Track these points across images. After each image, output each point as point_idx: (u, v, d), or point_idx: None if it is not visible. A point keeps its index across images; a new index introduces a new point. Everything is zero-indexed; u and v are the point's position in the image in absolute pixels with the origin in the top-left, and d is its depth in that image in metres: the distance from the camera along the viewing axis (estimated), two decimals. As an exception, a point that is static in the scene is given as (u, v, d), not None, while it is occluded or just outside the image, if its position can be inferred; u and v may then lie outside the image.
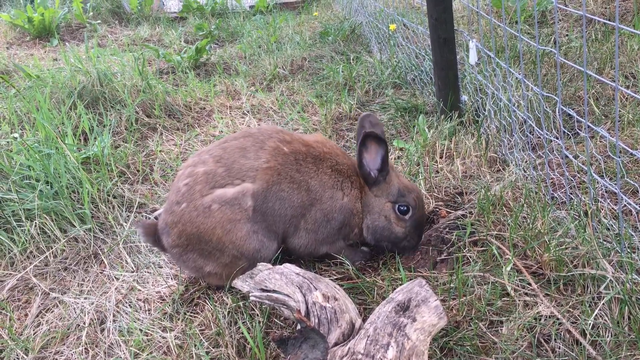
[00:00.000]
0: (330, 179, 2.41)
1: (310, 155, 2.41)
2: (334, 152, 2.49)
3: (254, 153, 2.35)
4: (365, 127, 2.51)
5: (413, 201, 2.44)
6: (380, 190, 2.45)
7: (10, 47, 7.17)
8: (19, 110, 4.22)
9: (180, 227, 2.31)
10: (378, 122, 2.55)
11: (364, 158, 2.39)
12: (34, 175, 3.09)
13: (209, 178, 2.30)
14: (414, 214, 2.45)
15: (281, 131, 2.48)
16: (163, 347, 2.20)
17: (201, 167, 2.34)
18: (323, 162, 2.42)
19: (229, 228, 2.27)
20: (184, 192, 2.31)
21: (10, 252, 2.83)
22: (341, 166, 2.45)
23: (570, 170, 2.90)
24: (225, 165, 2.32)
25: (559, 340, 1.97)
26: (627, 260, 2.10)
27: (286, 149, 2.38)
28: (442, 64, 3.60)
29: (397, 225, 2.44)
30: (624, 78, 3.81)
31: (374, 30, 5.66)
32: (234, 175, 2.30)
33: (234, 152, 2.36)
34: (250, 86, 5.03)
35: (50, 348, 2.29)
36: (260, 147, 2.37)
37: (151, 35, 7.39)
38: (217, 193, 2.28)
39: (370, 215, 2.46)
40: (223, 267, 2.35)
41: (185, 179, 2.34)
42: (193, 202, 2.29)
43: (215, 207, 2.26)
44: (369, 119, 2.55)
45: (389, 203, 2.44)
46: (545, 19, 5.07)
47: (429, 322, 1.78)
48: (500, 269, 2.27)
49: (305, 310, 1.87)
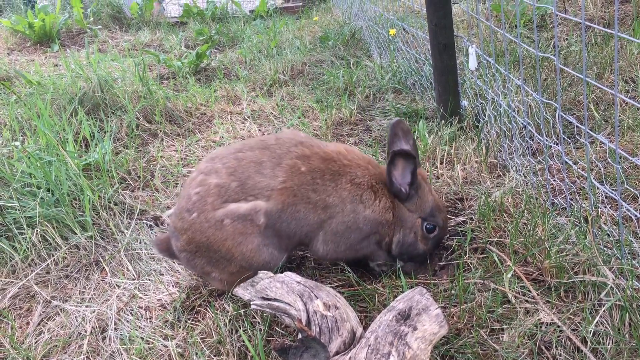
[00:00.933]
0: (350, 194, 2.31)
1: (328, 172, 2.32)
2: (355, 164, 2.39)
3: (270, 170, 2.28)
4: (398, 134, 2.43)
5: (442, 221, 2.40)
6: (414, 206, 2.37)
7: (11, 52, 7.19)
8: (20, 117, 4.23)
9: (189, 234, 2.29)
10: (409, 129, 2.46)
11: (393, 176, 2.32)
12: (35, 183, 3.10)
13: (222, 191, 2.25)
14: (439, 234, 2.42)
15: (301, 143, 2.38)
16: (164, 355, 2.20)
17: (214, 177, 2.28)
18: (342, 177, 2.33)
19: (240, 241, 2.25)
20: (195, 201, 2.27)
21: (11, 260, 2.83)
22: (361, 179, 2.35)
23: (570, 176, 2.91)
24: (239, 180, 2.26)
25: (560, 348, 1.97)
26: (627, 267, 2.10)
27: (304, 167, 2.30)
28: (442, 69, 3.61)
29: (422, 243, 2.40)
30: (623, 83, 3.81)
31: (374, 35, 5.67)
32: (247, 191, 2.25)
33: (249, 166, 2.29)
34: (251, 91, 5.04)
35: (52, 356, 2.29)
36: (278, 163, 2.30)
37: (152, 41, 7.41)
38: (230, 208, 2.24)
39: (403, 229, 2.39)
40: (229, 275, 2.35)
41: (196, 187, 2.29)
42: (204, 214, 2.25)
43: (227, 222, 2.23)
44: (400, 126, 2.44)
45: (420, 219, 2.38)
46: (545, 23, 5.08)
47: (430, 330, 1.78)
48: (501, 275, 2.27)
49: (306, 319, 1.88)
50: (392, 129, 2.45)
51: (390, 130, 2.46)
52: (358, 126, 4.10)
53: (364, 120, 4.16)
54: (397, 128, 2.45)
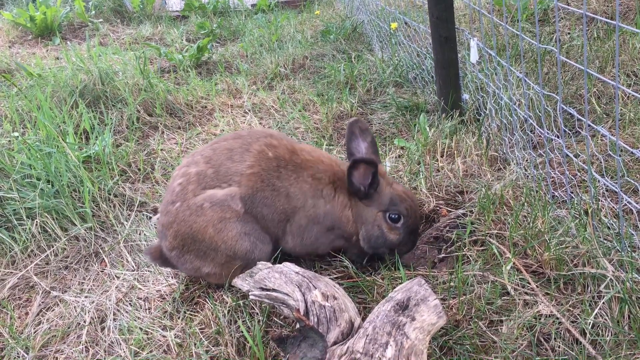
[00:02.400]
0: (311, 187, 2.39)
1: (292, 163, 2.40)
2: (318, 160, 2.45)
3: (240, 155, 2.37)
4: (356, 133, 2.50)
5: (405, 210, 2.40)
6: (371, 201, 2.41)
7: (12, 45, 7.18)
8: (21, 109, 4.23)
9: (175, 227, 2.34)
10: (367, 128, 2.52)
11: (353, 177, 2.35)
12: (35, 174, 3.10)
13: (200, 178, 2.34)
14: (407, 222, 2.41)
15: (270, 135, 2.47)
16: (163, 345, 2.21)
17: (194, 167, 2.38)
18: (304, 171, 2.40)
19: (220, 227, 2.29)
20: (178, 191, 2.36)
21: (11, 250, 2.84)
22: (322, 174, 2.42)
23: (570, 169, 2.90)
24: (213, 167, 2.36)
25: (559, 339, 1.97)
26: (627, 260, 2.10)
27: (270, 153, 2.38)
28: (443, 63, 3.60)
29: (391, 233, 2.41)
30: (625, 76, 3.80)
31: (375, 28, 5.66)
32: (221, 178, 2.34)
33: (222, 153, 2.39)
34: (252, 85, 5.03)
35: (50, 346, 2.29)
36: (246, 149, 2.39)
37: (153, 34, 7.40)
38: (208, 193, 2.32)
39: (365, 225, 2.43)
40: (220, 267, 2.37)
41: (179, 178, 2.39)
42: (186, 202, 2.32)
43: (206, 205, 2.30)
44: (358, 125, 2.51)
45: (380, 212, 2.40)
46: (547, 17, 5.06)
47: (428, 321, 1.78)
48: (500, 268, 2.26)
49: (304, 309, 1.87)
50: (349, 128, 2.51)
51: (347, 130, 2.52)
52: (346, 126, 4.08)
53: (365, 114, 4.15)
54: (354, 127, 2.51)
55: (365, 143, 2.52)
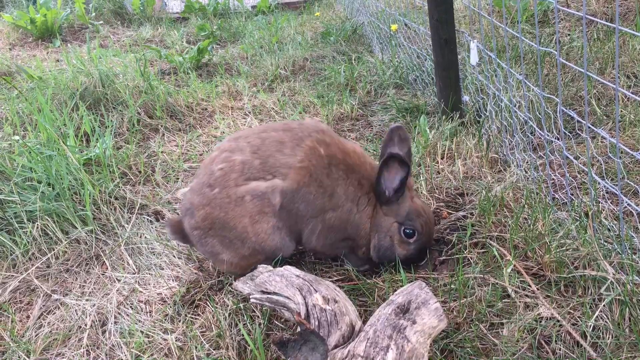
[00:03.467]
0: (354, 191, 2.35)
1: (344, 163, 2.36)
2: (365, 166, 2.42)
3: (291, 149, 2.32)
4: (394, 140, 2.41)
5: (420, 226, 2.37)
6: (391, 210, 2.38)
7: (12, 48, 7.19)
8: (21, 112, 4.23)
9: (208, 209, 2.32)
10: (407, 138, 2.43)
11: (383, 176, 2.32)
12: (35, 177, 3.10)
13: (245, 168, 2.31)
14: (420, 239, 2.39)
15: (322, 131, 2.42)
16: (164, 349, 2.21)
17: (239, 155, 2.33)
18: (354, 174, 2.36)
19: (257, 219, 2.29)
20: (218, 176, 2.32)
21: (12, 253, 2.84)
22: (366, 181, 2.38)
23: (571, 171, 2.90)
24: (261, 158, 2.32)
25: (560, 342, 1.97)
26: (628, 262, 2.10)
27: (323, 151, 2.34)
28: (444, 65, 3.60)
29: (400, 247, 2.39)
30: (625, 78, 3.80)
31: (375, 30, 5.66)
32: (267, 169, 2.30)
33: (272, 144, 2.34)
34: (252, 87, 5.03)
35: (51, 350, 2.29)
36: (298, 144, 2.34)
37: (153, 36, 7.40)
38: (252, 185, 2.29)
39: (378, 234, 2.40)
40: (240, 259, 2.37)
41: (220, 163, 2.34)
42: (226, 190, 2.30)
43: (248, 198, 2.28)
44: (398, 132, 2.42)
45: (396, 223, 2.37)
46: (546, 19, 5.06)
47: (429, 324, 1.78)
48: (501, 270, 2.27)
49: (305, 312, 1.88)
50: (389, 133, 2.43)
51: (387, 134, 2.43)
52: (359, 121, 4.09)
53: (365, 116, 4.15)
54: (395, 134, 2.43)
55: (401, 152, 2.40)
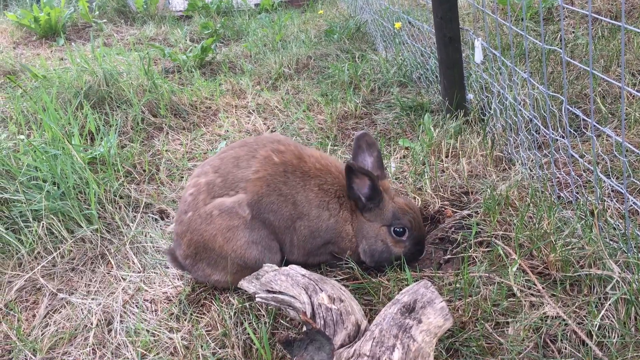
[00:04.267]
0: (317, 197, 2.39)
1: (299, 170, 2.39)
2: (327, 170, 2.45)
3: (246, 162, 2.38)
4: (362, 147, 2.49)
5: (409, 222, 2.40)
6: (374, 216, 2.42)
7: (16, 47, 7.20)
8: (26, 111, 4.24)
9: (188, 235, 2.38)
10: (374, 142, 2.49)
11: (355, 184, 2.36)
12: (41, 176, 3.11)
13: (209, 188, 2.37)
14: (412, 234, 2.42)
15: (278, 141, 2.47)
16: (170, 347, 2.21)
17: (203, 177, 2.41)
18: (311, 180, 2.40)
19: (229, 236, 2.32)
20: (190, 201, 2.39)
21: (18, 252, 2.85)
22: (329, 186, 2.42)
23: (576, 169, 2.89)
24: (222, 176, 2.38)
25: (565, 341, 1.97)
26: (633, 261, 2.09)
27: (277, 158, 2.39)
28: (448, 63, 3.60)
29: (396, 247, 2.42)
30: (630, 76, 3.79)
31: (379, 28, 5.65)
32: (228, 185, 2.36)
33: (230, 161, 2.41)
34: (256, 85, 5.03)
35: (58, 349, 2.30)
36: (253, 155, 2.40)
37: (157, 34, 7.41)
38: (217, 202, 2.34)
39: (366, 239, 2.43)
40: (231, 276, 2.39)
41: (191, 189, 2.42)
42: (197, 211, 2.36)
43: (215, 213, 2.32)
44: (365, 139, 2.49)
45: (384, 227, 2.41)
46: (551, 16, 5.05)
47: (434, 323, 1.78)
48: (506, 269, 2.26)
49: (311, 312, 1.88)
50: (356, 142, 2.49)
51: (354, 143, 2.49)
52: (363, 120, 4.09)
53: (369, 114, 4.15)
54: (362, 141, 2.49)
55: (371, 158, 2.50)
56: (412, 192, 2.94)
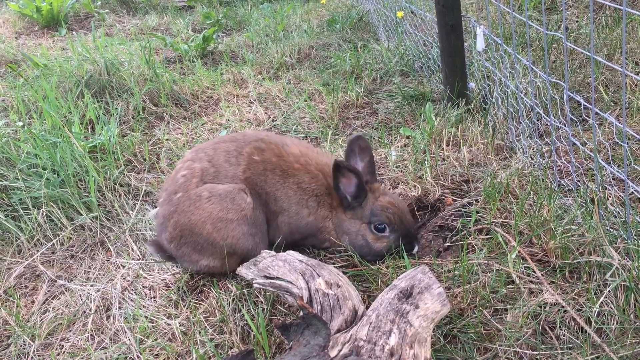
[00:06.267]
0: (296, 194, 2.46)
1: (279, 168, 2.46)
2: (306, 170, 2.49)
3: (235, 158, 2.46)
4: (355, 151, 2.51)
5: (388, 218, 2.42)
6: (355, 214, 2.47)
7: (19, 36, 7.19)
8: (27, 99, 4.24)
9: (176, 217, 2.40)
10: (367, 146, 2.51)
11: (341, 183, 2.41)
12: (40, 164, 3.10)
13: (203, 174, 2.42)
14: (394, 229, 2.44)
15: (260, 139, 2.53)
16: (168, 333, 2.22)
17: (198, 163, 2.45)
18: (289, 178, 2.46)
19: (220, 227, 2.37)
20: (181, 182, 2.43)
21: (17, 239, 2.85)
22: (307, 185, 2.47)
23: (577, 157, 2.88)
24: (214, 166, 2.45)
25: (564, 328, 1.96)
26: (633, 248, 2.08)
27: (257, 157, 2.45)
28: (450, 51, 3.57)
29: (377, 242, 2.45)
30: (633, 64, 3.76)
31: (381, 17, 5.62)
32: (221, 177, 2.42)
33: (222, 154, 2.47)
34: (257, 75, 5.01)
35: (56, 334, 2.31)
36: (239, 152, 2.47)
37: (159, 24, 7.39)
38: (208, 185, 2.40)
39: (348, 235, 2.49)
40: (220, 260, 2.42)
41: (183, 171, 2.46)
42: (187, 193, 2.40)
43: (205, 194, 2.37)
44: (358, 142, 2.50)
45: (364, 224, 2.46)
46: (554, 5, 5.01)
47: (431, 309, 1.78)
48: (505, 256, 2.25)
49: (307, 297, 1.87)
50: (349, 144, 2.51)
51: (348, 145, 2.52)
52: (365, 109, 4.07)
53: (370, 104, 4.13)
54: (355, 144, 2.51)
55: (362, 163, 2.52)
56: (412, 180, 2.93)
